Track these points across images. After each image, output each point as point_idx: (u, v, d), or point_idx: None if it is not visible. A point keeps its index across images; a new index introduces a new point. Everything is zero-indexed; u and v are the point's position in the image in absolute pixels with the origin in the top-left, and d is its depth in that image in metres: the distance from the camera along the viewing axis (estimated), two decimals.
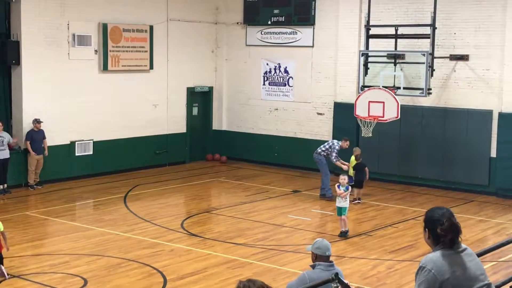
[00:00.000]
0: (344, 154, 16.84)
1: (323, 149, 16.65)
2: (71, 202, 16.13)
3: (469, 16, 17.42)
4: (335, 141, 16.82)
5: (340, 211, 13.25)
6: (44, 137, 17.25)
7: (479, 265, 4.73)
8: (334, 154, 16.54)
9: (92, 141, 18.79)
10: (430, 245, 4.77)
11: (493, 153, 17.25)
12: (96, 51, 18.65)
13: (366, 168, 16.41)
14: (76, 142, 18.44)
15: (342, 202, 13.21)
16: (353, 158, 16.60)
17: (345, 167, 16.33)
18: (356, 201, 16.11)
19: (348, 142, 16.76)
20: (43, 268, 11.07)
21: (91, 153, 18.78)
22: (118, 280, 10.54)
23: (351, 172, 16.44)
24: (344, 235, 13.20)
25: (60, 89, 17.91)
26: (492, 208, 16.11)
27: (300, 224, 14.31)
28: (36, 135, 17.12)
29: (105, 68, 18.80)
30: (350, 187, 13.40)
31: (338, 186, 13.23)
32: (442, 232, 4.62)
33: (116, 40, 18.97)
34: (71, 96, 18.14)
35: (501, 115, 17.06)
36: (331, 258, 7.02)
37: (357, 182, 16.32)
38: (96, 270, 10.97)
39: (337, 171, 16.85)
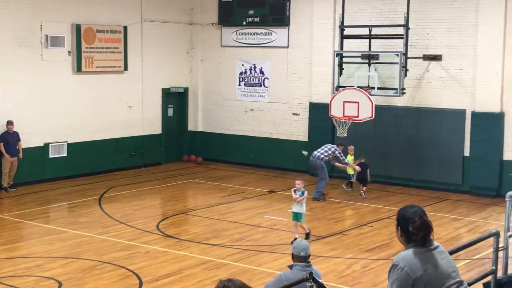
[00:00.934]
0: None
1: (326, 154, 16.42)
2: (46, 204, 16.00)
3: (442, 16, 17.57)
4: (330, 145, 16.75)
5: (296, 216, 12.75)
6: (18, 140, 17.10)
7: (451, 263, 4.78)
8: (343, 157, 16.75)
9: (66, 143, 18.66)
10: (402, 243, 4.81)
11: (467, 152, 17.42)
12: (69, 52, 18.53)
13: (368, 169, 17.08)
14: (50, 144, 18.31)
15: (298, 208, 12.71)
16: (350, 157, 17.08)
17: (357, 168, 16.88)
18: (361, 197, 16.79)
19: (342, 147, 16.95)
20: (17, 271, 10.97)
21: (65, 155, 18.65)
22: (93, 282, 10.48)
23: (351, 171, 17.18)
24: (307, 237, 12.74)
25: (34, 91, 17.77)
26: (465, 206, 16.26)
27: (276, 224, 14.33)
28: (9, 137, 16.96)
29: (79, 69, 18.68)
30: (306, 192, 12.79)
31: (294, 191, 12.79)
32: (414, 230, 4.66)
33: (89, 41, 18.86)
34: (45, 98, 18.00)
35: (474, 115, 17.23)
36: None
37: (361, 180, 17.02)
38: (71, 273, 10.89)
39: (338, 174, 16.90)
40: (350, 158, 17.20)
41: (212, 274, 10.81)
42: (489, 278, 7.24)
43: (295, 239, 12.11)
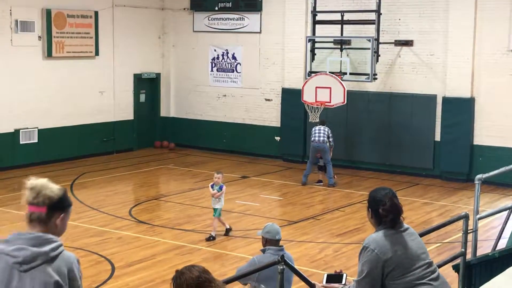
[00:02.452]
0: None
1: (326, 136, 16.33)
2: (16, 191, 15.83)
3: (413, 2, 17.66)
4: (319, 127, 16.54)
5: (216, 212, 12.14)
6: None
7: (420, 244, 4.84)
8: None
9: (37, 129, 18.48)
10: (373, 224, 4.87)
11: (437, 137, 17.59)
12: (40, 37, 18.32)
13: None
14: (21, 130, 18.12)
15: (216, 203, 12.09)
16: (216, 186, 16.76)
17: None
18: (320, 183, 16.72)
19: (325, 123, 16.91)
20: None
21: (36, 141, 18.47)
22: (100, 274, 10.41)
23: None
24: (227, 233, 12.24)
25: (3, 76, 17.55)
26: (436, 190, 16.43)
27: (249, 209, 14.37)
28: None
29: (49, 54, 18.48)
30: (224, 187, 12.14)
31: (212, 186, 12.18)
32: (384, 212, 4.72)
33: (60, 26, 18.66)
34: (15, 83, 17.79)
35: (445, 100, 17.38)
36: (281, 243, 7.09)
37: (322, 165, 16.81)
38: None
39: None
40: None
41: (185, 259, 10.81)
42: (458, 260, 7.34)
43: (210, 236, 11.94)
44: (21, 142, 18.14)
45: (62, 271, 3.65)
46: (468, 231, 7.18)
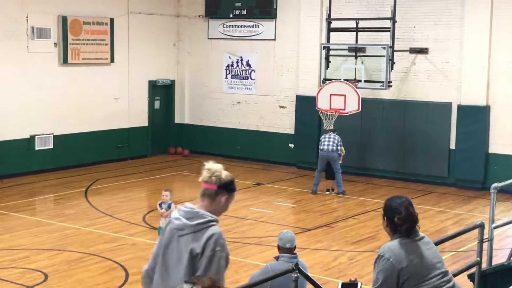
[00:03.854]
0: None
1: (336, 144, 16.21)
2: (31, 196, 15.94)
3: (428, 9, 17.62)
4: (329, 134, 16.46)
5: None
6: None
7: (436, 253, 4.81)
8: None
9: (52, 135, 18.58)
10: (388, 233, 4.84)
11: (452, 145, 17.51)
12: (55, 44, 18.43)
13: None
14: (36, 136, 18.22)
15: (164, 222, 11.01)
16: (165, 204, 16.59)
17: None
18: (329, 192, 16.62)
19: (336, 132, 16.84)
20: (2, 264, 10.93)
21: (52, 147, 18.57)
22: (79, 274, 10.46)
23: None
24: None
25: (20, 83, 17.67)
26: (451, 199, 16.35)
27: (263, 216, 14.35)
28: None
29: (65, 61, 18.59)
30: (173, 204, 11.45)
31: (160, 205, 11.68)
32: (399, 221, 4.69)
33: (76, 33, 18.77)
34: (31, 90, 17.91)
35: (460, 108, 17.31)
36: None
37: (330, 173, 16.64)
38: (57, 265, 10.87)
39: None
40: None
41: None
42: (473, 269, 7.29)
43: None
44: (36, 148, 18.23)
45: (201, 241, 4.52)
46: (484, 240, 7.13)
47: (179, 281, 4.35)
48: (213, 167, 4.68)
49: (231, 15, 20.82)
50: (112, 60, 19.88)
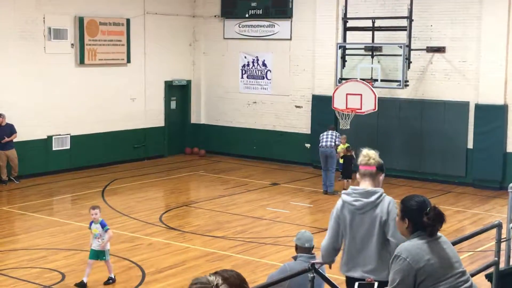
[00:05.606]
0: None
1: (333, 140, 16.28)
2: (49, 196, 16.03)
3: (445, 8, 17.52)
4: (327, 132, 16.55)
5: (97, 255, 10.02)
6: (13, 132, 16.91)
7: (454, 253, 4.77)
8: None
9: (69, 135, 18.67)
10: (405, 233, 4.79)
11: (470, 145, 17.40)
12: (72, 44, 18.53)
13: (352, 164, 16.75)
14: (53, 137, 18.32)
15: (97, 244, 10.02)
16: (341, 146, 16.81)
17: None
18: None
19: (334, 130, 16.87)
20: (20, 263, 11.00)
21: (69, 147, 18.67)
22: (97, 274, 10.49)
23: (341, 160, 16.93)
24: (109, 282, 10.17)
25: (37, 83, 17.77)
26: (469, 199, 16.25)
27: (279, 216, 14.34)
28: (0, 131, 16.82)
29: (81, 62, 18.68)
30: (109, 231, 10.07)
31: (91, 224, 10.19)
32: (429, 221, 4.64)
33: (92, 33, 18.85)
34: (48, 90, 18.01)
35: (478, 107, 17.19)
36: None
37: (346, 173, 16.62)
38: (74, 265, 10.92)
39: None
40: (340, 147, 16.80)
41: (215, 266, 10.81)
42: (491, 269, 7.23)
43: (82, 282, 9.93)
44: (53, 149, 18.33)
45: (384, 209, 5.71)
46: (501, 240, 7.07)
47: (373, 250, 5.74)
48: (370, 153, 5.82)
49: (247, 15, 20.82)
50: (129, 60, 19.94)
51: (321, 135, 16.61)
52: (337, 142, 16.36)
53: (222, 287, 3.18)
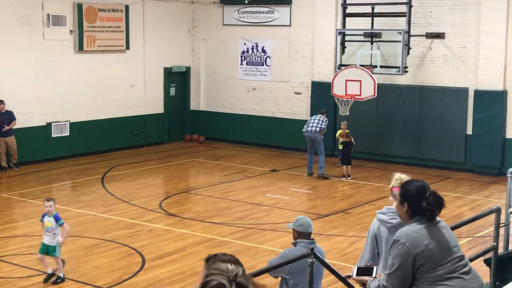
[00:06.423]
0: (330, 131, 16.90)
1: (320, 125, 16.36)
2: (48, 183, 16.04)
3: None
4: (316, 116, 16.67)
5: (47, 249, 9.56)
6: (12, 119, 16.91)
7: (452, 238, 4.79)
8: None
9: (68, 122, 18.67)
10: (404, 218, 4.81)
11: (469, 131, 17.40)
12: (71, 31, 18.48)
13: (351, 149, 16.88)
14: (53, 124, 18.31)
15: (50, 239, 9.56)
16: (340, 131, 16.81)
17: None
18: (345, 178, 16.54)
19: (325, 114, 16.85)
20: (20, 250, 11.03)
21: (68, 134, 18.67)
22: (97, 260, 10.54)
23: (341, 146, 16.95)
24: (50, 277, 9.57)
25: (36, 70, 17.74)
26: (468, 185, 16.27)
27: (279, 202, 14.37)
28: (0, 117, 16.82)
29: (80, 48, 18.64)
30: (64, 224, 9.57)
31: (43, 216, 9.71)
32: (428, 206, 4.66)
33: (91, 20, 18.80)
34: (47, 77, 17.98)
35: (477, 93, 17.19)
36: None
37: (345, 159, 16.57)
38: (74, 251, 10.95)
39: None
40: (339, 133, 16.90)
41: (215, 252, 10.83)
42: (490, 254, 7.26)
43: (54, 275, 9.57)
44: (53, 135, 18.33)
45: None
46: (500, 225, 7.10)
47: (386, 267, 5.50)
48: (402, 176, 5.85)
49: (246, 1, 20.75)
50: (128, 47, 19.90)
51: (309, 118, 16.66)
52: (323, 126, 16.38)
53: (240, 280, 3.06)
